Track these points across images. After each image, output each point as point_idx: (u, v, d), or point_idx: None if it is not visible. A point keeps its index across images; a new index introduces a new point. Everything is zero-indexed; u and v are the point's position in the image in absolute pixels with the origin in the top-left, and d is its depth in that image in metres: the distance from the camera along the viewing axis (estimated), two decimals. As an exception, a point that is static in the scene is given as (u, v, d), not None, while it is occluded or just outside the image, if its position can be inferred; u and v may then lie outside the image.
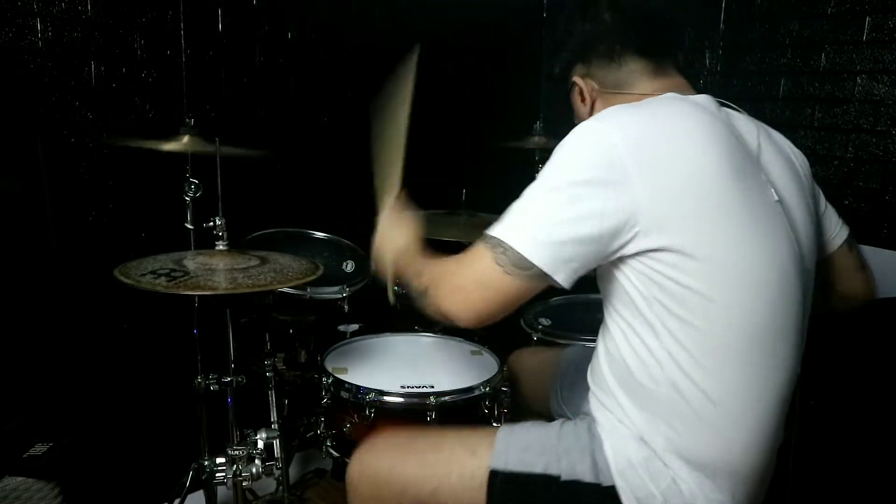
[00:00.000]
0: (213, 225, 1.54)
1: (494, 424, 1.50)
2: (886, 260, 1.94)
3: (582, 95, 1.19)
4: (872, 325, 1.67)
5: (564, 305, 2.14)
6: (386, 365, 1.69)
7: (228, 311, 1.63)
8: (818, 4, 2.06)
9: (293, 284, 1.43)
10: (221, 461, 1.54)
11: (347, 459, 1.48)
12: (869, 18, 1.96)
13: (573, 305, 2.13)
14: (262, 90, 2.14)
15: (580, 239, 0.94)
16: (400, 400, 1.49)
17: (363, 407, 1.49)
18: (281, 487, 1.80)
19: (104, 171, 1.87)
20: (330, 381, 1.58)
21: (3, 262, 1.68)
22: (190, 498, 1.73)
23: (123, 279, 1.33)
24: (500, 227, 0.99)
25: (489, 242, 0.98)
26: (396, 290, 1.72)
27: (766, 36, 2.19)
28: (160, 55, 1.92)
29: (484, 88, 2.70)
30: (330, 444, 1.62)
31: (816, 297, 1.14)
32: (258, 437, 1.59)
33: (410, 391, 1.50)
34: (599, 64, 1.16)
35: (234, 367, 1.64)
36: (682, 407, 1.00)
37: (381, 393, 1.49)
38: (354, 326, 1.97)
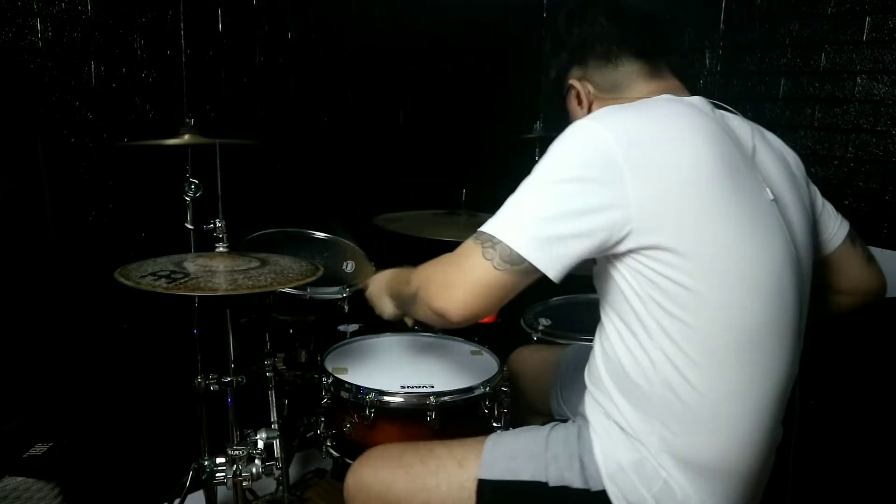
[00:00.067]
0: (213, 227, 1.54)
1: (494, 424, 1.50)
2: (886, 260, 1.94)
3: (579, 99, 1.20)
4: (872, 325, 1.67)
5: (564, 305, 2.13)
6: (386, 365, 1.69)
7: (228, 311, 1.63)
8: (818, 4, 2.06)
9: (293, 285, 1.43)
10: (221, 461, 1.54)
11: (348, 460, 1.48)
12: (869, 18, 1.96)
13: (573, 305, 2.13)
14: (262, 90, 2.14)
15: (571, 235, 0.94)
16: (400, 400, 1.49)
17: (363, 407, 1.49)
18: (281, 487, 1.80)
19: (104, 171, 1.87)
20: (330, 381, 1.58)
21: (3, 262, 1.68)
22: (190, 498, 1.73)
23: (124, 281, 1.33)
24: (491, 223, 0.99)
25: (479, 238, 0.98)
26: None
27: (766, 36, 2.19)
28: (160, 55, 1.92)
29: (484, 88, 2.70)
30: (330, 444, 1.62)
31: (819, 301, 1.14)
32: (258, 437, 1.59)
33: (410, 391, 1.50)
34: (596, 66, 1.17)
35: (234, 367, 1.64)
36: (676, 406, 1.00)
37: (381, 393, 1.49)
38: (354, 326, 1.97)
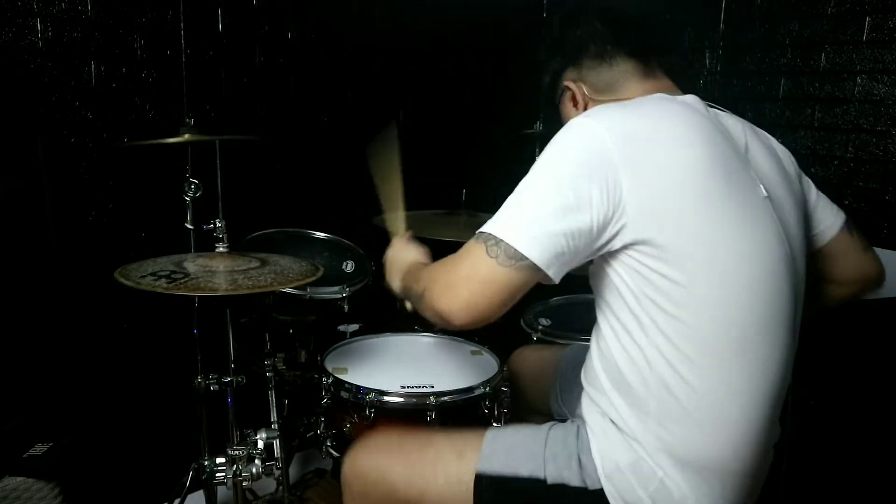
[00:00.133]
0: (213, 227, 1.54)
1: (494, 424, 1.50)
2: (886, 260, 1.94)
3: (574, 100, 1.21)
4: (872, 325, 1.67)
5: (564, 305, 2.13)
6: (386, 365, 1.69)
7: (228, 311, 1.63)
8: (818, 4, 2.06)
9: (293, 285, 1.43)
10: (221, 461, 1.54)
11: (347, 459, 1.48)
12: (869, 18, 1.96)
13: (573, 305, 2.13)
14: (262, 90, 2.14)
15: (571, 231, 0.95)
16: (400, 400, 1.49)
17: (363, 407, 1.49)
18: (281, 487, 1.80)
19: (104, 171, 1.87)
20: (330, 381, 1.58)
21: (3, 262, 1.68)
22: (190, 498, 1.73)
23: (124, 281, 1.33)
24: (492, 222, 0.99)
25: (480, 238, 0.99)
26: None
27: (766, 36, 2.19)
28: (160, 55, 1.92)
29: (484, 88, 2.70)
30: (330, 444, 1.62)
31: (816, 294, 1.14)
32: (258, 437, 1.59)
33: (410, 391, 1.50)
34: (591, 66, 1.18)
35: (234, 367, 1.64)
36: (672, 405, 1.00)
37: (381, 393, 1.49)
38: (354, 326, 1.97)
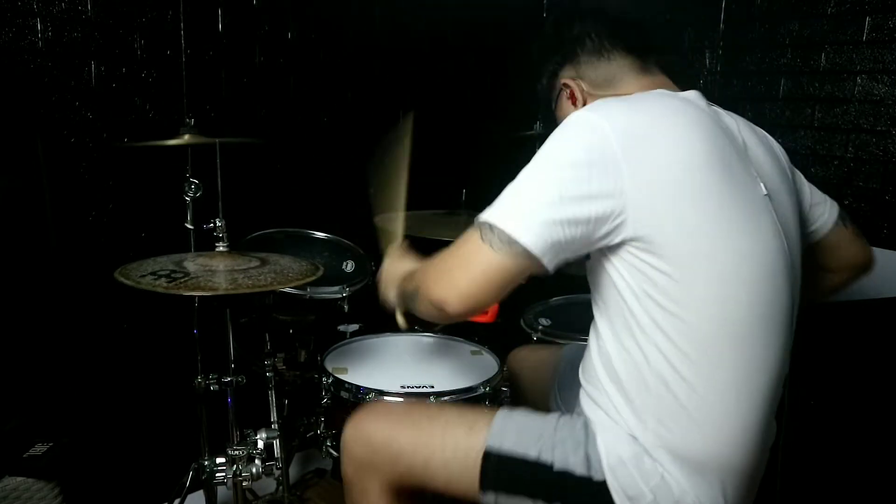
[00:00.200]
0: (213, 226, 1.54)
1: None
2: (886, 260, 1.94)
3: (573, 98, 1.21)
4: (872, 324, 1.67)
5: (564, 305, 2.13)
6: (386, 365, 1.69)
7: (228, 311, 1.63)
8: (818, 4, 2.06)
9: (293, 285, 1.43)
10: (221, 461, 1.54)
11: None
12: (869, 18, 1.96)
13: (573, 306, 2.13)
14: (262, 90, 2.14)
15: (568, 221, 0.95)
16: (400, 400, 1.49)
17: (363, 407, 1.49)
18: (281, 487, 1.80)
19: (104, 171, 1.87)
20: (330, 381, 1.58)
21: (3, 261, 1.68)
22: (190, 498, 1.73)
23: (124, 280, 1.33)
24: (491, 210, 0.99)
25: (479, 226, 0.99)
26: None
27: (766, 36, 2.19)
28: (160, 55, 1.92)
29: (484, 88, 2.70)
30: (330, 444, 1.62)
31: (812, 284, 1.15)
32: (258, 437, 1.59)
33: (410, 391, 1.50)
34: (588, 61, 1.19)
35: (234, 367, 1.64)
36: (670, 402, 1.00)
37: (381, 393, 1.49)
38: (354, 326, 1.97)
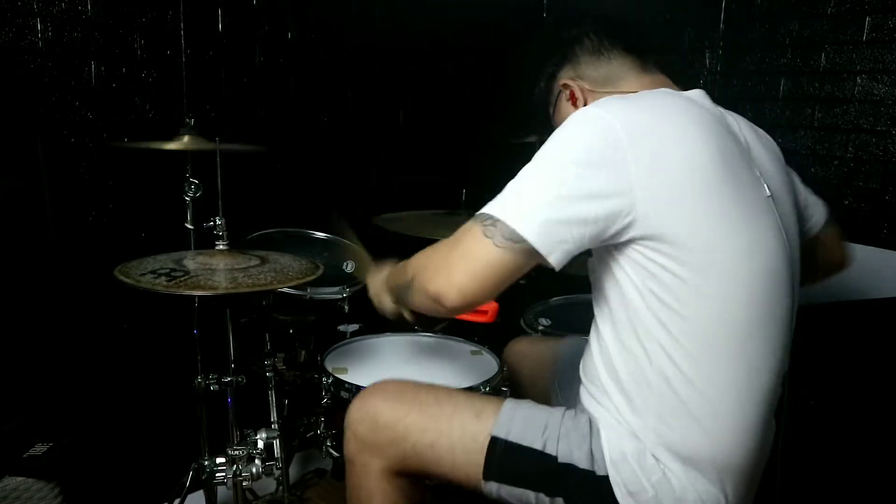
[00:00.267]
0: (213, 225, 1.54)
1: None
2: (886, 260, 1.94)
3: (573, 99, 1.21)
4: (872, 325, 1.67)
5: (564, 305, 2.13)
6: (386, 365, 1.69)
7: (228, 311, 1.63)
8: (818, 4, 2.06)
9: (293, 284, 1.43)
10: (221, 461, 1.54)
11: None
12: (869, 18, 1.96)
13: (573, 305, 2.13)
14: (262, 90, 2.14)
15: (576, 220, 0.93)
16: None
17: (363, 407, 1.49)
18: (281, 487, 1.80)
19: (104, 171, 1.87)
20: (330, 381, 1.58)
21: (3, 261, 1.68)
22: (190, 498, 1.72)
23: (123, 279, 1.33)
24: (491, 204, 0.98)
25: (478, 219, 0.97)
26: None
27: (766, 36, 2.19)
28: (160, 55, 1.92)
29: (484, 88, 2.70)
30: (330, 444, 1.62)
31: (804, 277, 1.15)
32: (258, 437, 1.59)
33: (410, 391, 1.50)
34: (588, 61, 1.19)
35: (234, 367, 1.64)
36: (672, 400, 1.00)
37: (381, 393, 1.48)
38: (354, 326, 1.97)
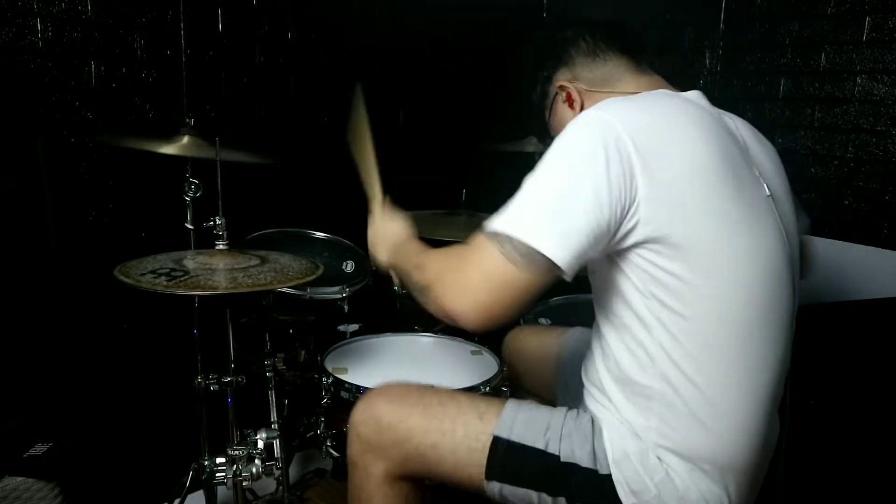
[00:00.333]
0: (213, 224, 1.54)
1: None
2: (886, 260, 1.94)
3: (570, 101, 1.20)
4: (872, 325, 1.67)
5: (564, 305, 2.13)
6: (386, 365, 1.69)
7: (228, 311, 1.62)
8: (818, 4, 2.06)
9: (293, 284, 1.43)
10: (221, 461, 1.54)
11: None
12: (869, 18, 1.96)
13: (573, 305, 2.13)
14: (262, 90, 2.14)
15: (591, 230, 0.93)
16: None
17: (363, 407, 1.49)
18: (281, 487, 1.80)
19: (104, 171, 1.87)
20: (330, 381, 1.58)
21: (3, 261, 1.68)
22: (190, 498, 1.72)
23: (123, 279, 1.33)
24: (506, 220, 0.96)
25: (496, 237, 0.95)
26: (397, 289, 1.73)
27: (766, 36, 2.19)
28: (160, 55, 1.92)
29: (484, 88, 2.70)
30: (330, 444, 1.62)
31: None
32: (258, 437, 1.58)
33: (410, 391, 1.50)
34: (584, 62, 1.19)
35: (234, 367, 1.64)
36: (674, 401, 1.00)
37: (381, 393, 1.48)
38: (354, 326, 1.97)
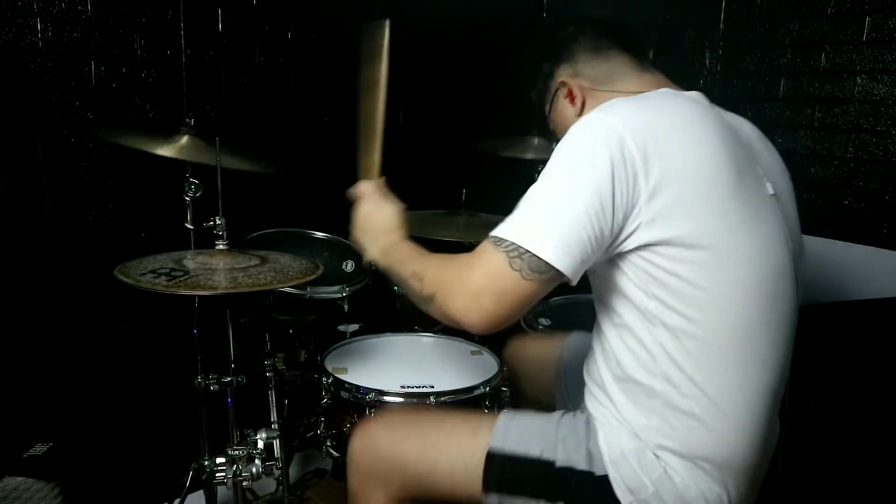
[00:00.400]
0: (213, 224, 1.54)
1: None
2: (886, 260, 1.94)
3: (571, 97, 1.20)
4: (872, 324, 1.67)
5: (564, 305, 2.13)
6: (386, 365, 1.69)
7: (228, 310, 1.62)
8: (818, 4, 2.06)
9: (293, 284, 1.43)
10: (221, 461, 1.54)
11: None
12: (869, 18, 1.96)
13: (573, 305, 2.13)
14: (262, 90, 2.14)
15: (594, 236, 0.94)
16: (400, 400, 1.48)
17: (363, 407, 1.49)
18: (281, 487, 1.80)
19: (104, 171, 1.87)
20: (330, 381, 1.58)
21: (2, 261, 1.68)
22: (190, 498, 1.72)
23: (123, 279, 1.33)
24: (512, 229, 0.97)
25: (502, 246, 0.96)
26: (398, 289, 1.73)
27: (766, 36, 2.19)
28: (160, 55, 1.92)
29: (484, 88, 2.70)
30: (330, 444, 1.62)
31: None
32: (258, 437, 1.58)
33: (410, 391, 1.50)
34: (586, 59, 1.19)
35: (234, 367, 1.64)
36: (675, 400, 1.00)
37: (381, 393, 1.49)
38: (354, 326, 1.97)
